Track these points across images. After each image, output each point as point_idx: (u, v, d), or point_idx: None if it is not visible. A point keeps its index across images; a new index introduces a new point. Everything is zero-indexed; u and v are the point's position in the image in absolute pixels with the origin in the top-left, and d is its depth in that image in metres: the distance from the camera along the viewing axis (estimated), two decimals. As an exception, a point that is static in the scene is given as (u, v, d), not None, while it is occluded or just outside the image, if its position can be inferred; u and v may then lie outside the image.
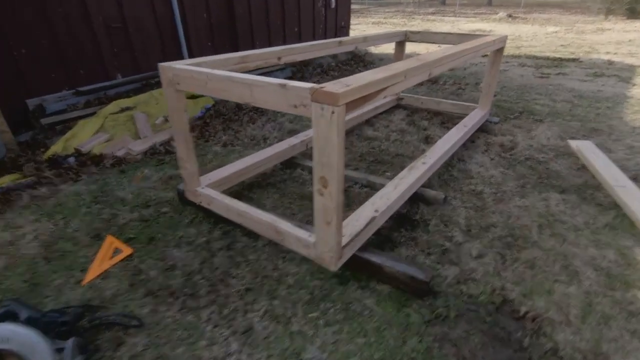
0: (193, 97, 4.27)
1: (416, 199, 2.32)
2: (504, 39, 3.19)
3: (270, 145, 3.23)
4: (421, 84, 5.17)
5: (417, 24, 15.07)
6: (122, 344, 1.44)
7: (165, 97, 1.87)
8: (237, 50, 5.49)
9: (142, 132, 3.45)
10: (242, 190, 2.50)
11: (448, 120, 3.76)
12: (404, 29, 13.53)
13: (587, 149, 2.92)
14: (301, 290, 1.68)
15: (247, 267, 1.83)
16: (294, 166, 2.80)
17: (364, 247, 1.76)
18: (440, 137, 3.27)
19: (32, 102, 3.57)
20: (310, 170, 2.72)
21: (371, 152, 3.08)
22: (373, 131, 3.50)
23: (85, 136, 3.32)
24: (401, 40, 3.79)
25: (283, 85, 1.34)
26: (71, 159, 3.07)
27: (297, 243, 1.70)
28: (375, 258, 1.68)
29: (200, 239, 2.04)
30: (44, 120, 3.39)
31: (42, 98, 3.62)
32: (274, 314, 1.57)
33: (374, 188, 2.48)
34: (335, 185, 1.37)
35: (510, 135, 3.35)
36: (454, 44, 3.45)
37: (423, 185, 2.39)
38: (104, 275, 1.83)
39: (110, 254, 1.97)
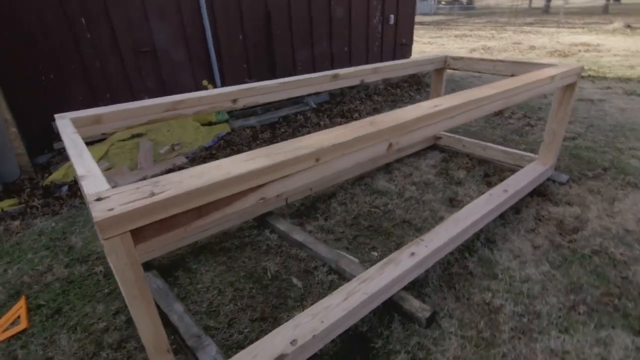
0: (210, 123, 4.07)
1: (391, 306, 1.62)
2: (576, 71, 2.26)
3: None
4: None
5: (508, 37, 13.35)
6: None
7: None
8: (274, 74, 5.23)
9: (140, 163, 3.30)
10: (189, 255, 2.08)
11: (494, 172, 2.86)
12: (490, 42, 12.04)
13: None
14: None
15: (120, 386, 1.38)
16: (266, 226, 2.30)
17: (258, 402, 1.18)
18: (472, 198, 2.46)
19: (56, 125, 3.70)
20: (280, 235, 2.19)
21: (370, 213, 2.41)
22: (387, 181, 2.81)
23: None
24: (439, 68, 3.04)
25: (82, 177, 0.86)
26: (64, 188, 3.03)
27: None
28: None
29: (100, 323, 1.67)
30: (57, 145, 3.46)
31: (66, 121, 3.73)
32: None
33: (343, 277, 1.84)
34: (152, 349, 0.84)
35: (580, 205, 2.36)
36: (506, 75, 2.62)
37: (410, 284, 1.68)
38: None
39: (7, 324, 1.71)
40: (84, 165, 0.94)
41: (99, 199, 0.74)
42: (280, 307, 1.71)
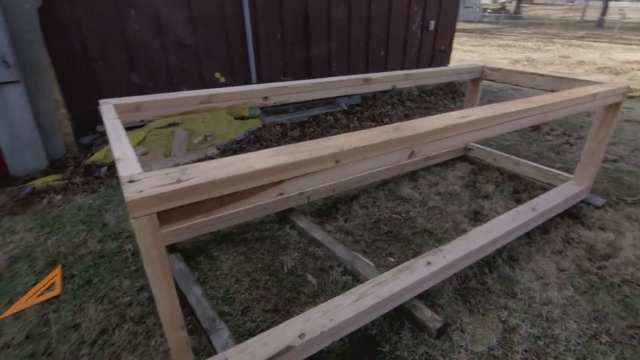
0: (243, 117, 4.19)
1: (403, 313, 1.62)
2: (621, 90, 2.15)
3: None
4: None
5: (555, 49, 12.75)
6: None
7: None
8: (309, 73, 5.30)
9: (174, 151, 3.46)
10: (212, 242, 2.17)
11: (525, 189, 2.77)
12: (536, 54, 11.55)
13: None
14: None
15: None
16: (287, 221, 2.35)
17: (263, 389, 1.22)
18: (498, 214, 2.40)
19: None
20: (300, 231, 2.24)
21: (391, 219, 2.41)
22: (411, 189, 2.79)
23: (127, 147, 3.48)
24: (476, 78, 2.98)
25: (118, 160, 0.94)
26: (104, 169, 3.23)
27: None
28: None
29: (125, 298, 1.78)
30: (100, 128, 3.69)
31: (111, 106, 3.97)
32: None
33: (357, 279, 1.86)
34: (168, 324, 0.90)
35: (614, 231, 2.24)
36: (546, 90, 2.54)
37: (425, 294, 1.68)
38: (21, 314, 1.71)
39: (43, 289, 1.87)
40: (121, 149, 1.02)
41: (131, 181, 0.81)
42: (293, 301, 1.75)
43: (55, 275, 1.95)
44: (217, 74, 4.38)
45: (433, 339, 1.50)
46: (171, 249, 1.98)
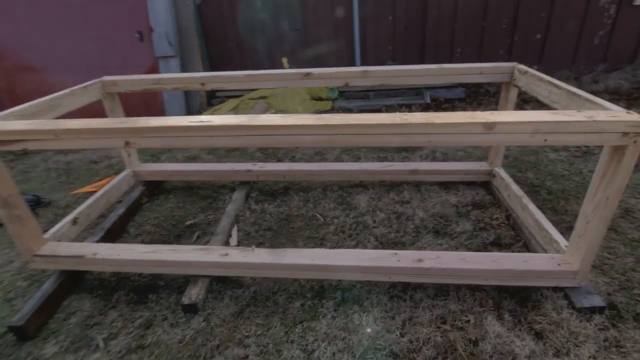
0: (320, 98, 4.52)
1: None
2: (621, 125, 1.26)
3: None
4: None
5: None
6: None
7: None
8: (423, 59, 4.87)
9: (247, 118, 4.28)
10: (180, 188, 2.88)
11: (509, 245, 1.99)
12: None
13: None
14: None
15: None
16: (232, 191, 2.75)
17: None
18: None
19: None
20: (229, 201, 2.61)
21: (312, 218, 2.37)
22: (370, 198, 2.52)
23: (223, 112, 4.59)
24: (506, 82, 2.21)
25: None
26: (204, 123, 4.46)
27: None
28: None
29: (111, 204, 2.77)
30: (219, 93, 4.95)
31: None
32: None
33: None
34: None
35: (551, 348, 1.42)
36: (557, 107, 1.76)
37: (231, 282, 1.82)
38: (77, 194, 3.00)
39: (94, 186, 3.12)
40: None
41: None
42: (167, 244, 2.25)
43: (106, 180, 3.19)
44: (284, 60, 4.80)
45: (180, 311, 1.70)
46: (147, 183, 2.82)
